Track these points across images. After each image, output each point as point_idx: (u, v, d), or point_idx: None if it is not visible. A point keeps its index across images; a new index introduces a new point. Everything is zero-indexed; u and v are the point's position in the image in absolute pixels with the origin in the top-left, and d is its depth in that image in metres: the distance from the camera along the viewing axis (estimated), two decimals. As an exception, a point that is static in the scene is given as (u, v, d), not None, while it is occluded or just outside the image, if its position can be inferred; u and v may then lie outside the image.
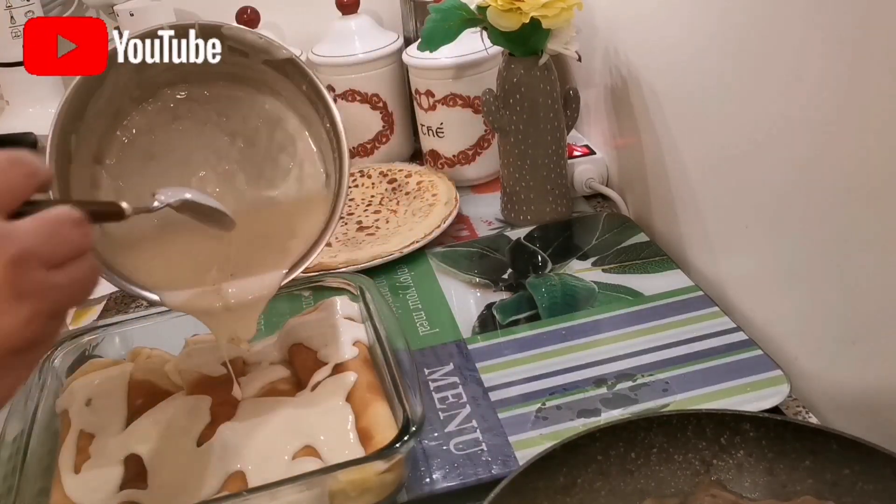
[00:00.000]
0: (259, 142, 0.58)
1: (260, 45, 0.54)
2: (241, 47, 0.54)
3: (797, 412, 0.55)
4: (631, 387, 0.57)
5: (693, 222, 0.71)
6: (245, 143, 0.58)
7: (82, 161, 0.54)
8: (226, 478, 0.49)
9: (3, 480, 0.49)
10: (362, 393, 0.53)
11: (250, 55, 0.54)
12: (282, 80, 0.56)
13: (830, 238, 0.52)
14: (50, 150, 0.50)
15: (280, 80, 0.56)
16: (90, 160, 0.55)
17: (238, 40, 0.53)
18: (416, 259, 0.77)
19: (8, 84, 0.86)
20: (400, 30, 1.00)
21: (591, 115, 0.91)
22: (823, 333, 0.55)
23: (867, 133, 0.46)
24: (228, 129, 0.58)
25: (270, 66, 0.55)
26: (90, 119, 0.53)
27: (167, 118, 0.57)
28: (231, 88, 0.57)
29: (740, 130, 0.60)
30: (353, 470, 0.47)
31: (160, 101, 0.57)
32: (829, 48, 0.48)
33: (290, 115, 0.58)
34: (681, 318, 0.64)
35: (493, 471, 0.52)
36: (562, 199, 0.83)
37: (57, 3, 1.06)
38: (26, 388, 0.56)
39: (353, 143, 0.98)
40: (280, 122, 0.58)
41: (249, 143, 0.58)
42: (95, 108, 0.53)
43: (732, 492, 0.45)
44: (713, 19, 0.61)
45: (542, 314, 0.67)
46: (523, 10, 0.71)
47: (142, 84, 0.55)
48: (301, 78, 0.55)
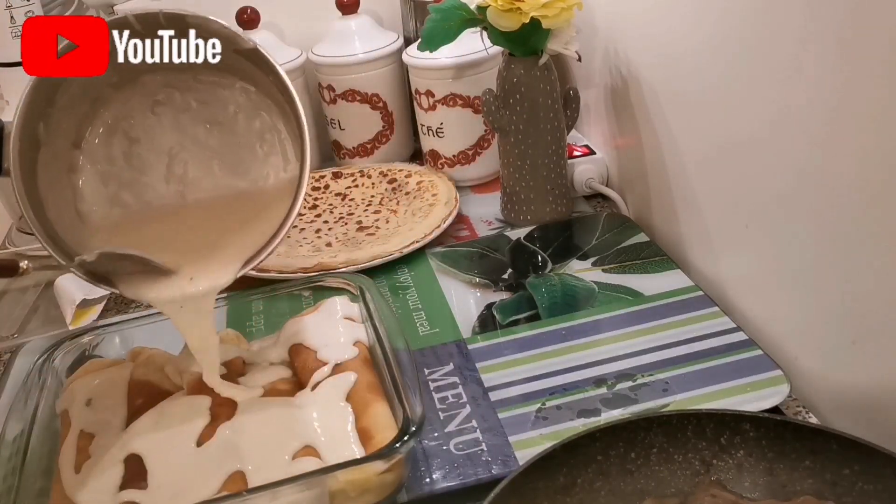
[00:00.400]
0: (237, 130, 0.58)
1: (225, 35, 0.53)
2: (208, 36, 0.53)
3: (797, 412, 0.55)
4: (631, 387, 0.57)
5: (693, 222, 0.71)
6: (223, 130, 0.58)
7: (57, 147, 0.54)
8: (226, 478, 0.49)
9: (3, 480, 0.49)
10: (362, 393, 0.54)
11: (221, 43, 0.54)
12: (254, 69, 0.56)
13: (831, 238, 0.52)
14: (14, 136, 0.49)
15: (253, 69, 0.56)
16: (68, 145, 0.55)
17: (204, 29, 0.52)
18: (416, 259, 0.77)
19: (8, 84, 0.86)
20: (400, 30, 0.99)
21: (591, 115, 0.91)
22: (823, 333, 0.55)
23: (867, 132, 0.46)
24: (207, 116, 0.58)
25: (242, 55, 0.55)
26: (63, 105, 0.53)
27: (147, 104, 0.57)
28: (210, 75, 0.57)
29: (740, 130, 0.60)
30: (353, 470, 0.47)
31: (140, 88, 0.57)
32: (826, 47, 0.48)
33: (266, 104, 0.58)
34: (681, 318, 0.64)
35: (493, 471, 0.52)
36: (562, 199, 0.83)
37: (57, 3, 1.06)
38: (26, 388, 0.56)
39: (353, 143, 0.98)
40: (257, 111, 0.58)
41: (228, 130, 0.58)
42: (67, 94, 0.53)
43: (732, 492, 0.45)
44: (713, 19, 0.61)
45: (542, 314, 0.67)
46: (523, 10, 0.71)
47: (121, 71, 0.54)
48: (267, 69, 0.55)
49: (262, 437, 0.51)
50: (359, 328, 0.60)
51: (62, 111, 0.53)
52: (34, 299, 0.81)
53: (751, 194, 0.60)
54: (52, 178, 0.54)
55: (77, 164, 0.56)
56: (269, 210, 0.56)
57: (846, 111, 0.48)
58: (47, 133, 0.53)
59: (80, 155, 0.56)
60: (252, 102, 0.58)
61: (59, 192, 0.55)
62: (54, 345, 0.61)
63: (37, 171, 0.52)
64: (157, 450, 0.51)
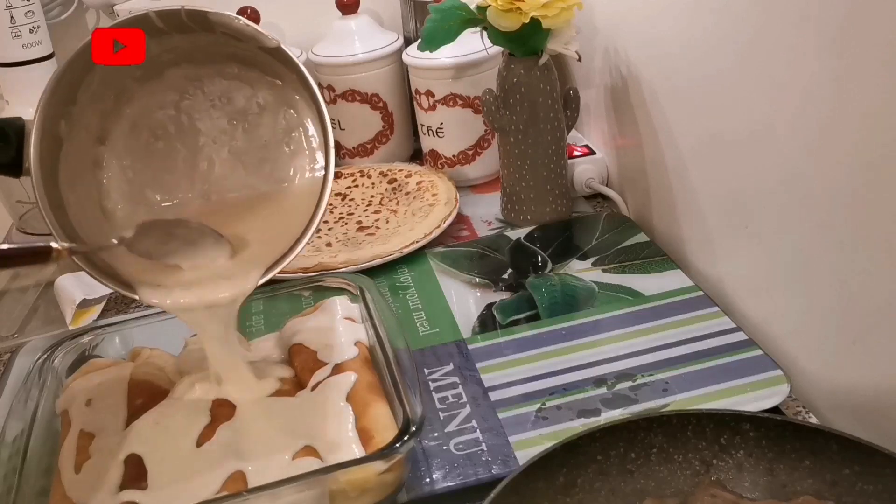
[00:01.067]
0: (263, 127, 0.57)
1: (248, 34, 0.52)
2: (231, 33, 0.53)
3: (797, 412, 0.55)
4: (631, 387, 0.57)
5: (693, 222, 0.71)
6: (249, 127, 0.57)
7: (80, 143, 0.53)
8: (226, 478, 0.49)
9: (3, 480, 0.49)
10: (362, 393, 0.53)
11: (244, 41, 0.53)
12: (279, 65, 0.55)
13: (831, 238, 0.52)
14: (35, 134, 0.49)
15: (278, 66, 0.55)
16: (93, 141, 0.55)
17: (226, 27, 0.52)
18: (416, 259, 0.77)
19: (8, 84, 0.86)
20: (400, 30, 1.00)
21: (591, 115, 0.92)
22: (823, 333, 0.55)
23: (866, 132, 0.47)
24: (232, 112, 0.57)
25: (265, 52, 0.54)
26: (85, 102, 0.53)
27: (171, 100, 0.56)
28: (235, 69, 0.56)
29: (741, 130, 0.60)
30: (353, 470, 0.47)
31: (165, 82, 0.56)
32: (827, 46, 0.48)
33: (292, 101, 0.57)
34: (681, 318, 0.64)
35: (493, 471, 0.52)
36: (562, 199, 0.83)
37: (57, 3, 1.06)
38: (26, 388, 0.56)
39: (353, 143, 0.99)
40: (283, 108, 0.57)
41: (254, 128, 0.57)
42: (89, 91, 0.53)
43: (732, 492, 0.45)
44: (714, 18, 0.61)
45: (542, 314, 0.67)
46: (523, 10, 0.71)
47: (144, 64, 0.54)
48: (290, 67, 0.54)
49: (262, 437, 0.51)
50: (359, 328, 0.60)
51: (85, 107, 0.53)
52: (34, 299, 0.81)
53: (751, 194, 0.60)
54: (74, 175, 0.53)
55: (102, 160, 0.55)
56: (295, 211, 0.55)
57: (846, 111, 0.48)
58: (69, 130, 0.52)
59: (105, 151, 0.55)
60: (278, 99, 0.57)
61: (82, 191, 0.54)
62: (54, 345, 0.60)
63: (58, 171, 0.52)
64: (157, 450, 0.51)
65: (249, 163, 0.57)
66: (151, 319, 0.63)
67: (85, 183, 0.55)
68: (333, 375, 0.55)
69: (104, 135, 0.55)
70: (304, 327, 0.60)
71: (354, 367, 0.56)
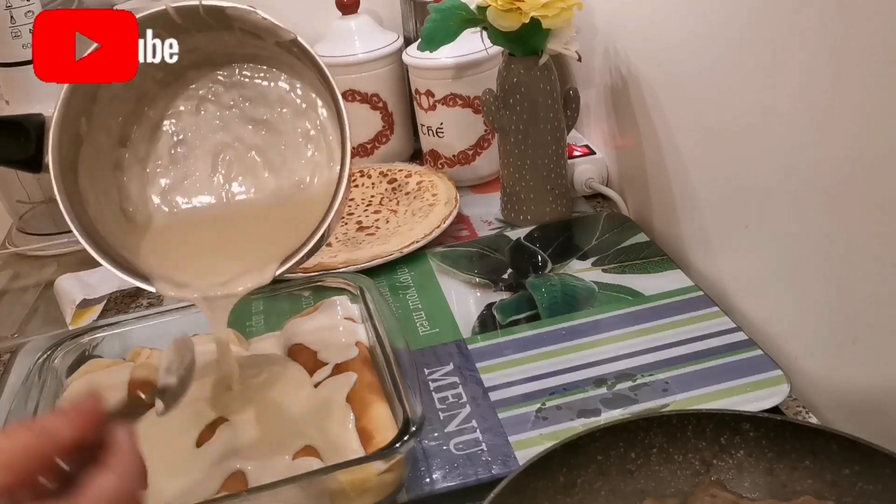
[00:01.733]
0: (284, 128, 0.57)
1: (266, 26, 0.51)
2: (249, 28, 0.52)
3: (797, 412, 0.55)
4: (631, 387, 0.57)
5: (693, 222, 0.71)
6: (270, 129, 0.57)
7: (100, 143, 0.53)
8: (226, 478, 0.49)
9: (4, 480, 0.49)
10: (362, 393, 0.54)
11: (262, 37, 0.53)
12: (297, 63, 0.54)
13: (831, 237, 0.52)
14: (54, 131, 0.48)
15: (297, 64, 0.54)
16: (114, 143, 0.54)
17: (244, 21, 0.51)
18: (416, 259, 0.77)
19: (8, 84, 0.85)
20: (400, 30, 1.00)
21: (591, 115, 0.91)
22: (824, 333, 0.55)
23: (866, 131, 0.46)
24: (253, 113, 0.57)
25: (283, 48, 0.53)
26: (105, 101, 0.52)
27: (193, 102, 0.56)
28: (255, 70, 0.56)
29: (741, 130, 0.60)
30: (353, 470, 0.47)
31: (185, 85, 0.56)
32: (827, 46, 0.48)
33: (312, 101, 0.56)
34: (681, 318, 0.64)
35: (493, 471, 0.52)
36: (562, 199, 0.83)
37: (56, 3, 1.06)
38: (26, 388, 0.56)
39: (354, 144, 0.98)
40: (304, 108, 0.57)
41: (275, 129, 0.57)
42: (109, 91, 0.52)
43: (732, 492, 0.45)
44: (714, 18, 0.61)
45: (542, 314, 0.67)
46: (523, 10, 0.71)
47: (166, 66, 0.53)
48: (308, 60, 0.53)
49: (262, 437, 0.51)
50: (359, 328, 0.60)
51: (105, 107, 0.52)
52: (34, 299, 0.81)
53: (751, 194, 0.60)
54: (94, 175, 0.52)
55: (123, 162, 0.55)
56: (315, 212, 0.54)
57: (845, 111, 0.48)
58: (89, 129, 0.52)
59: (126, 153, 0.55)
60: (298, 99, 0.56)
61: (102, 191, 0.53)
62: (54, 345, 0.60)
63: (77, 168, 0.51)
64: (157, 450, 0.51)
65: (270, 164, 0.57)
66: (151, 319, 0.63)
67: (105, 184, 0.54)
68: (333, 375, 0.55)
69: (125, 137, 0.55)
70: (305, 327, 0.60)
71: (354, 367, 0.56)
